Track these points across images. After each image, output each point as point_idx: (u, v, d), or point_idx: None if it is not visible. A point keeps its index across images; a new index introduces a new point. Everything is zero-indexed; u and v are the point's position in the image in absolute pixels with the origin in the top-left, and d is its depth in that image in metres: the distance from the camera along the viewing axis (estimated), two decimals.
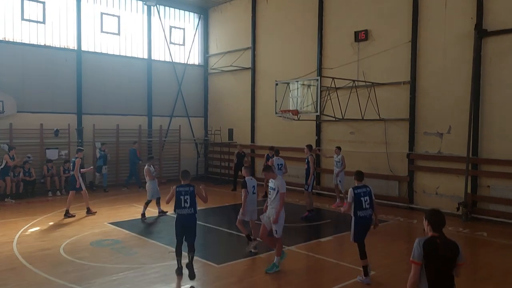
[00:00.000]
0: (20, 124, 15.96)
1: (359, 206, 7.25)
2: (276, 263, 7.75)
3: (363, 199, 7.28)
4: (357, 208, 7.26)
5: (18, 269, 7.75)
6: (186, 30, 21.41)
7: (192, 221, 7.36)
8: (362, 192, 7.31)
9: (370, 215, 7.37)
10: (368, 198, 7.32)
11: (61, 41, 17.35)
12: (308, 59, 16.55)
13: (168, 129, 20.40)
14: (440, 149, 13.08)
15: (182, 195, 7.26)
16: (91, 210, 12.56)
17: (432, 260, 3.88)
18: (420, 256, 3.90)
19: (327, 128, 16.21)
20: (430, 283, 3.89)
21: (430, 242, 3.92)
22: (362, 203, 7.25)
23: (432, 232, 4.00)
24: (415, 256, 3.94)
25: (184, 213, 7.28)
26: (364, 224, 7.32)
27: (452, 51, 12.78)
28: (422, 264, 3.90)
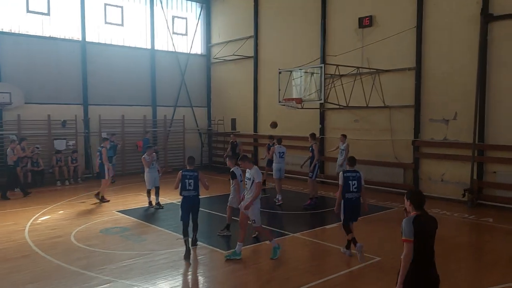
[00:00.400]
0: (27, 115, 16.14)
1: (347, 189, 7.79)
2: (276, 246, 7.85)
3: (351, 183, 7.81)
4: (345, 191, 7.79)
5: (31, 256, 7.93)
6: (189, 19, 21.39)
7: (196, 202, 8.23)
8: (351, 176, 7.87)
9: (357, 198, 7.88)
10: (356, 182, 7.84)
11: (65, 32, 17.42)
12: (311, 47, 16.51)
13: (172, 119, 20.51)
14: (446, 136, 13.09)
15: (187, 179, 8.09)
16: (105, 198, 12.81)
17: (420, 236, 4.23)
18: (411, 233, 4.22)
19: (331, 116, 16.23)
20: (418, 257, 4.21)
21: (418, 220, 4.29)
22: (350, 186, 7.78)
23: (416, 211, 4.40)
24: (407, 234, 4.24)
25: (189, 195, 8.10)
26: (350, 206, 7.82)
27: (458, 37, 12.72)
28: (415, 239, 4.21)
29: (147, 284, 6.65)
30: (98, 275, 6.94)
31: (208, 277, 7.11)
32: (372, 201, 12.90)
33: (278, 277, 6.94)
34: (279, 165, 12.87)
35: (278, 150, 13.00)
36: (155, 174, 12.17)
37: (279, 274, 7.07)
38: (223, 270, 7.34)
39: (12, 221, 10.55)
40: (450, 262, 7.65)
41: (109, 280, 6.76)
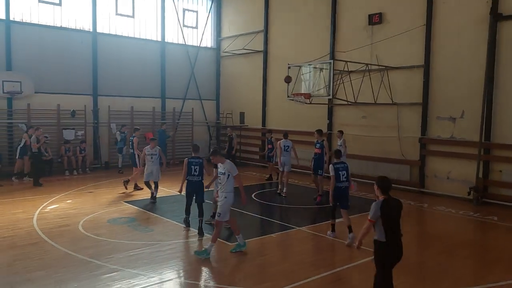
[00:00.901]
0: (37, 105, 16.31)
1: (338, 179, 8.58)
2: (242, 243, 7.73)
3: (341, 173, 8.62)
4: (336, 181, 8.55)
5: (39, 244, 8.08)
6: (199, 13, 21.41)
7: (200, 186, 8.96)
8: (340, 167, 8.67)
9: (346, 187, 8.71)
10: (345, 172, 8.66)
11: (76, 23, 17.53)
12: (321, 43, 16.49)
13: (181, 111, 20.61)
14: (453, 134, 13.06)
15: (193, 165, 8.92)
16: (138, 186, 13.23)
17: (387, 217, 4.99)
18: (376, 215, 5.01)
19: (339, 112, 16.23)
20: (386, 233, 5.00)
21: (385, 203, 5.02)
22: (340, 176, 8.59)
23: (382, 195, 5.13)
24: (372, 216, 5.04)
25: (194, 180, 8.92)
26: (340, 194, 8.63)
27: (467, 35, 12.65)
28: (376, 221, 5.02)
29: (154, 274, 6.76)
30: (105, 264, 7.07)
31: (214, 268, 7.21)
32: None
33: (284, 270, 7.02)
34: (284, 158, 13.08)
35: (283, 144, 13.19)
36: (153, 168, 11.68)
37: (285, 267, 7.15)
38: (229, 262, 7.45)
39: (20, 209, 10.72)
40: (454, 259, 7.70)
41: (116, 269, 6.88)
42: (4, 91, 15.41)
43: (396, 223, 5.04)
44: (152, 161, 11.75)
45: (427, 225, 10.79)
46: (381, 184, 5.16)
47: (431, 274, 6.99)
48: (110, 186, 14.05)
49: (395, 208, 5.06)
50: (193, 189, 8.99)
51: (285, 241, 8.75)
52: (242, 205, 7.95)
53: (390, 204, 5.00)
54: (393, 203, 5.08)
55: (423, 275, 7.02)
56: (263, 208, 11.84)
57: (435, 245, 8.56)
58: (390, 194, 5.12)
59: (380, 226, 5.00)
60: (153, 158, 11.78)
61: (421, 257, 7.94)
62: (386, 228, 4.97)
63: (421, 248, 8.61)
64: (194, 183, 8.94)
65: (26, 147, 14.79)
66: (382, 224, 4.96)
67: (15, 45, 15.95)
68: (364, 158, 15.04)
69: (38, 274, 6.63)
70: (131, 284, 6.34)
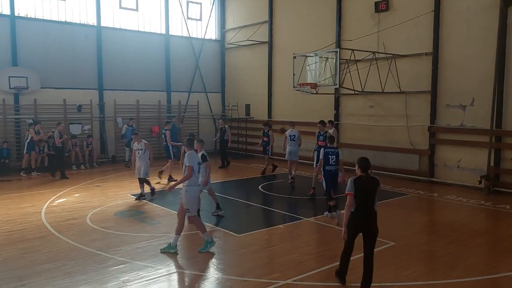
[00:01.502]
0: (44, 100, 16.34)
1: (327, 162, 9.30)
2: (209, 239, 7.40)
3: (330, 157, 9.33)
4: (325, 164, 9.30)
5: (48, 237, 8.09)
6: (203, 4, 21.25)
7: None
8: (330, 151, 9.38)
9: (335, 170, 9.39)
10: (334, 157, 9.34)
11: (81, 17, 17.49)
12: (326, 32, 16.29)
13: (187, 104, 20.55)
14: (463, 122, 12.86)
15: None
16: (172, 178, 13.32)
17: (360, 192, 5.59)
18: (351, 189, 5.59)
19: (346, 101, 16.06)
20: (357, 205, 5.61)
21: (359, 179, 5.65)
22: (329, 160, 9.30)
23: (361, 173, 5.69)
24: (348, 189, 5.63)
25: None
26: (330, 176, 9.32)
27: (477, 21, 12.40)
28: (353, 194, 5.57)
29: (161, 266, 6.73)
30: (113, 256, 7.06)
31: (222, 260, 7.16)
32: (387, 187, 12.83)
33: (292, 260, 6.96)
34: (291, 148, 13.20)
35: (289, 133, 13.26)
36: (142, 163, 11.09)
37: (293, 258, 7.08)
38: (237, 253, 7.40)
39: (29, 203, 10.76)
40: (465, 248, 7.58)
41: (123, 261, 6.86)
42: (11, 86, 15.43)
43: (368, 198, 5.60)
44: (139, 157, 11.10)
45: (437, 215, 10.66)
46: (360, 163, 5.75)
47: (443, 264, 6.88)
48: (117, 179, 14.07)
49: (367, 184, 5.60)
50: None
51: (293, 232, 8.68)
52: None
53: (363, 180, 5.61)
54: (367, 180, 5.63)
55: (434, 265, 6.92)
56: (271, 199, 11.78)
57: (446, 235, 8.43)
58: (368, 172, 5.69)
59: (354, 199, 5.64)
60: (139, 153, 11.10)
61: (432, 246, 7.83)
62: (357, 201, 5.59)
63: (432, 237, 8.49)
64: None
65: (33, 142, 14.86)
66: (354, 197, 5.59)
67: (20, 40, 15.95)
68: (371, 148, 14.89)
69: (46, 266, 6.63)
70: (139, 276, 6.31)
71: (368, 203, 5.61)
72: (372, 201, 5.64)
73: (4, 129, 15.61)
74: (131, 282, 6.10)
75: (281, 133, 14.55)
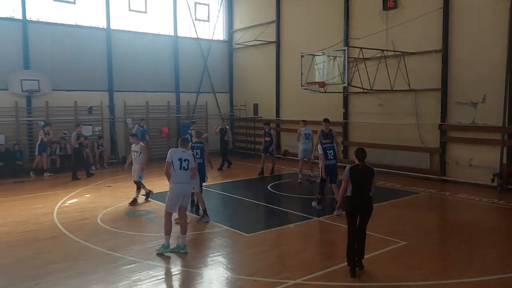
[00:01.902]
0: (55, 102, 16.53)
1: (326, 157, 9.77)
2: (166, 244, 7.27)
3: (329, 152, 9.81)
4: (325, 158, 9.74)
5: (59, 237, 8.19)
6: (211, 6, 21.32)
7: (201, 168, 9.38)
8: (328, 146, 9.86)
9: (334, 164, 9.89)
10: (332, 151, 9.87)
11: (91, 20, 17.66)
12: (334, 30, 16.22)
13: (196, 105, 20.63)
14: (474, 119, 12.71)
15: (195, 149, 9.47)
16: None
17: (355, 178, 6.26)
18: (347, 176, 6.27)
19: (355, 100, 15.98)
20: (353, 191, 6.27)
21: (355, 167, 6.33)
22: (328, 155, 9.80)
23: (357, 162, 6.35)
24: (344, 176, 6.33)
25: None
26: (329, 170, 9.83)
27: (487, 16, 12.24)
28: (348, 180, 6.26)
29: (171, 265, 6.77)
30: (124, 256, 7.11)
31: (232, 259, 7.17)
32: (397, 186, 12.76)
33: (302, 260, 6.94)
34: (305, 146, 13.29)
35: (304, 132, 13.40)
36: (135, 166, 10.72)
37: (303, 258, 7.07)
38: (247, 253, 7.40)
39: (41, 204, 10.89)
40: (478, 247, 7.49)
41: (134, 260, 6.91)
42: (23, 89, 15.63)
43: (363, 185, 6.26)
44: (134, 159, 10.72)
45: (450, 214, 10.56)
46: (357, 153, 6.41)
47: (456, 263, 6.82)
48: (127, 180, 14.09)
49: (363, 173, 6.28)
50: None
51: (303, 232, 8.67)
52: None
53: (359, 169, 6.29)
54: (362, 168, 6.30)
55: (447, 264, 6.86)
56: (280, 199, 11.77)
57: (458, 234, 8.35)
58: (364, 162, 6.34)
59: (350, 184, 6.28)
60: (135, 155, 10.70)
61: (445, 245, 7.76)
62: (352, 186, 6.27)
63: (445, 236, 8.41)
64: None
65: (44, 144, 15.05)
66: (351, 183, 6.27)
67: (32, 44, 16.15)
68: (381, 146, 14.79)
69: (58, 266, 6.71)
70: (150, 275, 6.36)
71: (364, 189, 6.26)
72: (368, 188, 6.28)
73: (17, 132, 15.83)
74: (142, 281, 6.14)
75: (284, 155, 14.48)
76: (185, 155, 7.37)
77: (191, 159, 7.41)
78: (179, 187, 7.25)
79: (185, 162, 7.28)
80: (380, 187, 12.43)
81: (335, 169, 9.89)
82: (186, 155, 7.38)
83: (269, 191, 12.39)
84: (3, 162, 14.89)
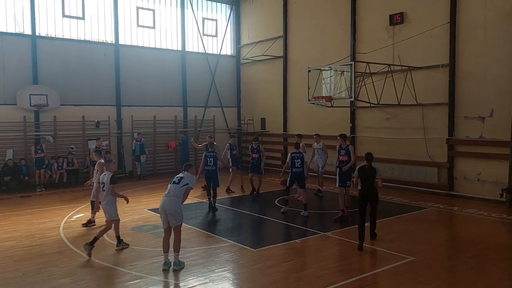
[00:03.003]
0: (63, 117, 16.68)
1: (293, 165, 10.84)
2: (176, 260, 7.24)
3: (296, 161, 10.87)
4: (292, 166, 10.84)
5: (65, 252, 8.17)
6: (219, 21, 21.57)
7: (214, 174, 11.61)
8: (296, 156, 10.92)
9: (300, 172, 10.94)
10: (300, 160, 10.89)
11: (99, 35, 17.92)
12: (341, 45, 16.31)
13: (203, 119, 20.71)
14: (482, 134, 12.63)
15: (209, 158, 11.70)
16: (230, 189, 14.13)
17: (362, 176, 8.26)
18: (356, 173, 8.34)
19: (362, 114, 15.96)
20: (362, 185, 8.26)
21: (362, 168, 8.30)
22: (295, 163, 10.86)
23: (365, 163, 8.31)
24: (355, 174, 8.46)
25: (209, 169, 11.62)
26: (295, 177, 10.95)
27: (494, 30, 12.26)
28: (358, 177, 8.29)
29: (177, 281, 6.72)
30: (130, 271, 7.07)
31: (238, 275, 7.10)
32: (405, 201, 12.63)
33: (309, 275, 6.86)
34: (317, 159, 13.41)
35: (316, 147, 13.47)
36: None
37: (310, 273, 6.99)
38: (253, 268, 7.33)
39: (48, 218, 10.92)
40: (487, 263, 7.36)
41: (140, 276, 6.87)
42: (31, 104, 15.81)
43: (368, 180, 8.23)
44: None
45: (458, 229, 10.41)
46: (365, 156, 8.41)
47: (464, 278, 6.69)
48: (134, 194, 14.17)
49: (369, 172, 8.22)
50: (208, 176, 11.69)
51: (310, 247, 8.59)
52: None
53: (365, 168, 8.26)
54: (368, 168, 8.25)
55: (455, 280, 6.74)
56: (287, 213, 11.68)
57: (467, 249, 8.21)
58: (370, 163, 8.29)
59: (359, 181, 8.27)
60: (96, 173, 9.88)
61: (452, 261, 7.64)
62: (361, 181, 8.26)
63: (453, 252, 8.28)
64: (209, 171, 11.68)
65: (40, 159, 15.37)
66: (359, 179, 8.26)
67: (41, 59, 16.40)
68: (388, 161, 14.71)
69: (63, 281, 6.68)
70: None
71: (369, 183, 8.24)
72: (372, 182, 8.24)
73: (24, 146, 15.95)
74: None
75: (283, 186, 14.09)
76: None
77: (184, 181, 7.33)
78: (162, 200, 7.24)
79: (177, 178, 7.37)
80: (388, 201, 12.34)
81: (301, 176, 10.98)
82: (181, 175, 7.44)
83: (276, 206, 12.31)
84: (11, 176, 14.99)
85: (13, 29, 16.06)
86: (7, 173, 14.96)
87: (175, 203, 7.12)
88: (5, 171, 14.99)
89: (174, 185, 7.27)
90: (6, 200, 13.63)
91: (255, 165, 13.86)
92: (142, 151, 17.56)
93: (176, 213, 7.11)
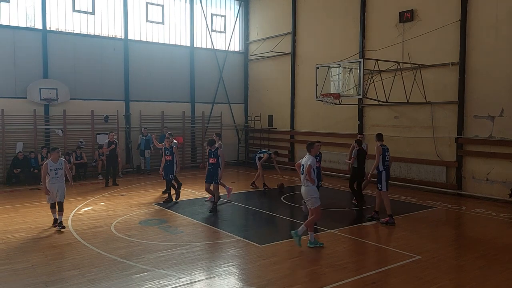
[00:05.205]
0: (72, 111, 16.83)
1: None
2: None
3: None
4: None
5: (73, 245, 8.25)
6: (227, 17, 21.57)
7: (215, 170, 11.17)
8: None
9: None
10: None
11: (109, 30, 18.01)
12: (350, 42, 16.24)
13: (210, 115, 20.76)
14: (492, 133, 12.52)
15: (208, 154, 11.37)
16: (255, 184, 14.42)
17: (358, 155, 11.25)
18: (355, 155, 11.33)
19: (370, 112, 15.89)
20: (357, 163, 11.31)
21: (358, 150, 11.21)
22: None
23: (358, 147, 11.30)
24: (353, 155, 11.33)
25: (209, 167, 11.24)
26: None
27: (504, 29, 12.12)
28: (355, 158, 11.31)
29: (184, 274, 6.75)
30: (137, 264, 7.13)
31: (244, 270, 7.13)
32: (412, 199, 12.58)
33: (314, 272, 6.87)
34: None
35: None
36: (59, 185, 9.42)
37: (315, 270, 6.99)
38: (259, 264, 7.34)
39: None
40: (495, 264, 7.31)
41: (146, 269, 6.92)
42: (42, 98, 15.97)
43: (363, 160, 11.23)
44: (57, 177, 9.38)
45: (466, 229, 10.34)
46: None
47: (472, 279, 6.65)
48: (141, 189, 14.28)
49: (362, 153, 11.08)
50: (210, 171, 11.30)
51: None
52: None
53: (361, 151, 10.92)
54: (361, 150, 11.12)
55: (462, 280, 6.70)
56: (293, 210, 11.70)
57: (474, 249, 8.16)
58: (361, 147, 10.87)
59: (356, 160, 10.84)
60: (58, 174, 9.39)
61: (460, 261, 7.59)
62: (358, 161, 10.77)
63: (460, 251, 8.23)
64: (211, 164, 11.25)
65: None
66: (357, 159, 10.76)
67: (51, 53, 16.53)
68: (397, 159, 14.61)
69: (71, 273, 6.75)
70: (161, 284, 6.35)
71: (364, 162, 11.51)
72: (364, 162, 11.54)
73: (34, 139, 16.12)
74: None
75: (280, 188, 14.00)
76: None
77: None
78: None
79: None
80: (395, 200, 12.28)
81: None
82: None
83: (282, 202, 12.33)
84: (21, 169, 15.16)
85: (24, 23, 16.20)
86: (17, 166, 15.14)
87: (306, 191, 8.20)
88: (15, 163, 15.16)
89: (301, 175, 8.25)
90: (15, 192, 13.79)
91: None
92: (147, 146, 17.65)
93: (309, 198, 8.22)
